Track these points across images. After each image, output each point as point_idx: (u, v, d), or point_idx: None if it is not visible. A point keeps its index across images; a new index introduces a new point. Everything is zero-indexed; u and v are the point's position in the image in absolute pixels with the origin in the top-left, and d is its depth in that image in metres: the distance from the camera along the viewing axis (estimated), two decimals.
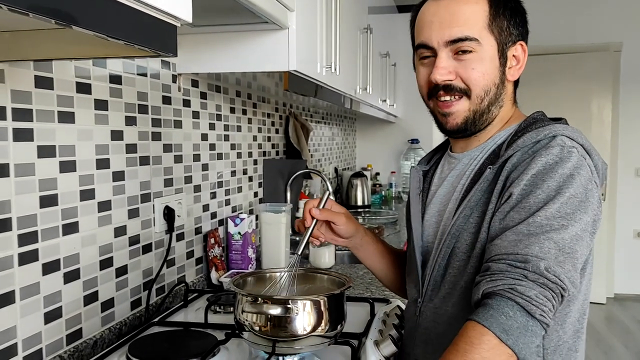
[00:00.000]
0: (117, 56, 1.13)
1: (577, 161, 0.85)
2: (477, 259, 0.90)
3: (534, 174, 0.85)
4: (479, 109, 0.96)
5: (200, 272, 1.70)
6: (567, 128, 0.91)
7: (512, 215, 0.84)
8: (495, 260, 0.81)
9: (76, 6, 0.57)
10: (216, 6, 1.22)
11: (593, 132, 4.58)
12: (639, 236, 4.75)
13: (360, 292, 1.64)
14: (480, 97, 0.95)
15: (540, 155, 0.86)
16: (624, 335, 4.01)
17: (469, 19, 0.93)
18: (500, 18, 0.94)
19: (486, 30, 0.93)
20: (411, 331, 1.04)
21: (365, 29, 2.43)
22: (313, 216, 1.04)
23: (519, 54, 0.98)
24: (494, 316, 0.75)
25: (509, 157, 0.91)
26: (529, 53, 0.99)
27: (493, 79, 0.95)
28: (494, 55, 0.94)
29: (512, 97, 1.01)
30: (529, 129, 0.93)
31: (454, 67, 0.94)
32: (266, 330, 0.96)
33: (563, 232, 0.80)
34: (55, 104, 1.07)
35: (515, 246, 0.80)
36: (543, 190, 0.83)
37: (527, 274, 0.77)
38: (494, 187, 0.91)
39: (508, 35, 0.96)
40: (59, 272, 1.10)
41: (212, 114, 1.76)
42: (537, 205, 0.82)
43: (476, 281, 0.82)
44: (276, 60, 1.42)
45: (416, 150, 4.08)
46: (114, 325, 1.26)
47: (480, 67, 0.93)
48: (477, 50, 0.93)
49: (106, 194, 1.23)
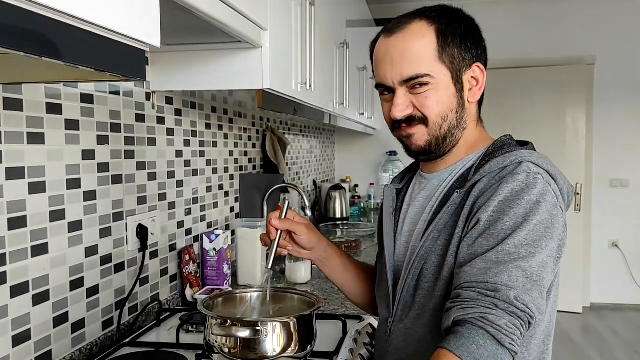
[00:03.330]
0: (87, 80, 1.13)
1: (543, 187, 0.88)
2: (444, 282, 0.92)
3: (501, 201, 0.87)
4: (440, 134, 0.98)
5: (175, 289, 1.70)
6: (533, 154, 0.93)
7: (481, 242, 0.86)
8: (466, 287, 0.82)
9: (45, 37, 0.57)
10: (189, 27, 1.23)
11: (568, 143, 4.66)
12: (614, 246, 4.83)
13: (335, 308, 1.64)
14: (438, 124, 0.97)
15: (507, 182, 0.88)
16: (600, 344, 4.07)
17: (418, 56, 0.95)
18: (450, 47, 0.96)
19: (437, 62, 0.95)
20: (382, 350, 1.05)
21: (342, 44, 2.45)
22: (273, 226, 1.05)
23: (477, 75, 0.99)
24: (465, 345, 0.76)
25: (476, 182, 0.93)
26: (508, 66, 1.02)
27: (449, 106, 0.97)
28: (449, 84, 0.96)
29: (475, 117, 1.03)
30: (496, 153, 0.95)
31: (410, 100, 0.96)
32: (236, 352, 0.96)
33: (530, 260, 0.82)
34: (24, 126, 1.06)
35: (485, 274, 0.82)
36: (510, 217, 0.85)
37: (497, 303, 0.79)
38: (461, 211, 0.93)
39: (461, 61, 0.97)
40: (28, 294, 1.09)
41: (187, 131, 1.76)
42: (505, 233, 0.84)
43: (447, 307, 0.84)
44: (250, 78, 1.42)
45: (394, 162, 4.11)
46: (84, 347, 1.25)
47: (434, 97, 0.95)
48: (432, 83, 0.95)
49: (77, 214, 1.22)
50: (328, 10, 2.18)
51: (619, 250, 4.81)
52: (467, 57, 0.97)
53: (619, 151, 4.75)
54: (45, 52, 0.58)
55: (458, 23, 0.98)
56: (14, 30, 0.52)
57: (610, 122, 4.73)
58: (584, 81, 4.67)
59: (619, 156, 4.75)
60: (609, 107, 4.72)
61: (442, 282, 0.92)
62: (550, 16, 4.68)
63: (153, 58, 1.50)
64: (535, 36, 4.69)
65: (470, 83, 0.99)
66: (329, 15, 2.21)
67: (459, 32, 0.97)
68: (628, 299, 4.81)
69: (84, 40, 0.63)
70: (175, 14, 1.03)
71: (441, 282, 0.92)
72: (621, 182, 4.78)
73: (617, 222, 4.79)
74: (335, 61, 2.36)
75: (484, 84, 1.00)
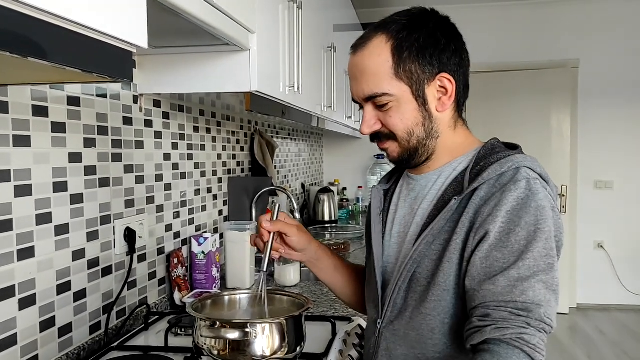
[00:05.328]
0: (74, 82, 1.13)
1: (543, 192, 0.90)
2: (439, 287, 0.92)
3: (509, 210, 0.87)
4: (410, 147, 1.00)
5: (164, 292, 1.69)
6: (527, 158, 0.94)
7: (496, 256, 0.86)
8: (493, 307, 0.84)
9: (30, 37, 0.57)
10: (176, 29, 1.23)
11: (553, 145, 4.71)
12: (599, 247, 4.88)
13: (325, 310, 1.64)
14: (405, 139, 0.99)
15: (510, 190, 0.89)
16: (587, 345, 4.10)
17: (375, 75, 0.96)
18: (406, 63, 0.95)
19: (394, 79, 0.95)
20: (371, 351, 1.05)
21: (329, 47, 2.46)
22: (265, 229, 1.05)
23: (445, 84, 0.97)
24: None
25: (475, 189, 0.93)
26: (494, 70, 1.03)
27: (413, 121, 0.97)
28: (409, 99, 0.96)
29: (451, 123, 1.01)
30: (490, 159, 0.95)
31: (378, 117, 0.99)
32: (225, 354, 0.96)
33: (550, 272, 0.85)
34: (10, 128, 1.06)
35: (511, 293, 0.84)
36: (522, 227, 0.86)
37: (530, 322, 0.82)
38: (459, 218, 0.93)
39: (421, 75, 0.96)
40: (14, 299, 1.08)
41: (175, 134, 1.75)
42: (520, 244, 0.86)
43: (476, 325, 0.85)
44: (237, 81, 1.42)
45: (382, 165, 4.13)
46: (71, 351, 1.23)
47: (397, 114, 0.97)
48: (392, 100, 0.96)
49: (64, 217, 1.22)
50: (315, 14, 2.18)
51: (604, 251, 4.86)
52: (427, 70, 0.96)
53: (603, 153, 4.80)
54: (30, 52, 0.58)
55: (418, 34, 0.95)
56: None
57: (595, 124, 4.79)
58: (569, 84, 4.72)
59: (603, 158, 4.81)
60: (593, 110, 4.77)
61: (437, 287, 0.92)
62: (535, 20, 4.73)
63: (141, 61, 1.50)
64: (519, 40, 4.74)
65: (439, 93, 0.98)
66: (317, 19, 2.22)
67: (417, 46, 0.95)
68: (614, 300, 4.86)
69: (70, 40, 0.63)
70: (163, 16, 1.03)
71: (436, 287, 0.92)
72: (605, 183, 4.84)
73: (602, 223, 4.85)
74: (323, 64, 2.37)
75: (454, 92, 0.98)
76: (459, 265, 0.91)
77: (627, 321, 4.55)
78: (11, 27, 0.54)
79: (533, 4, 4.72)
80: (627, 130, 4.76)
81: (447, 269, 0.91)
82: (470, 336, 0.85)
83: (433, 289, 0.93)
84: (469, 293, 0.89)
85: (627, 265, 4.83)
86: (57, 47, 0.61)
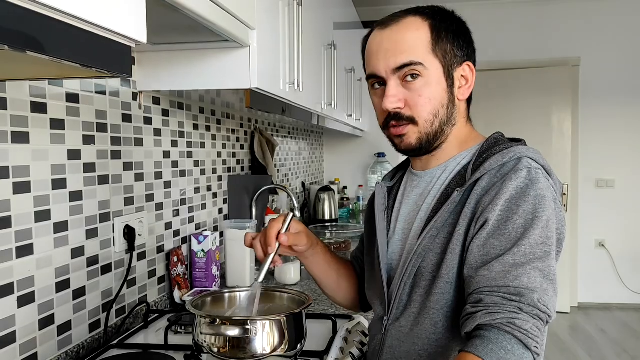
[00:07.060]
0: (72, 77, 1.12)
1: (545, 182, 0.89)
2: (444, 280, 0.92)
3: (508, 199, 0.87)
4: (431, 131, 0.98)
5: (163, 291, 1.68)
6: (530, 150, 0.94)
7: (493, 243, 0.86)
8: (487, 292, 0.83)
9: (29, 31, 0.56)
10: (176, 25, 1.22)
11: (554, 144, 4.70)
12: (600, 246, 4.87)
13: (325, 308, 1.64)
14: (429, 121, 0.97)
15: (510, 179, 0.89)
16: (588, 343, 4.09)
17: (412, 46, 0.95)
18: (443, 41, 0.97)
19: (430, 54, 0.96)
20: (376, 348, 1.04)
21: (329, 45, 2.45)
22: (281, 243, 1.01)
23: (467, 73, 1.01)
24: (494, 350, 0.77)
25: (477, 180, 0.93)
26: (494, 68, 1.03)
27: (441, 101, 0.97)
28: (441, 78, 0.97)
29: (465, 115, 1.04)
30: (493, 150, 0.95)
31: (403, 94, 0.97)
32: (225, 351, 0.95)
33: (546, 260, 0.84)
34: (8, 124, 1.05)
35: (504, 278, 0.82)
36: (520, 215, 0.86)
37: (522, 307, 0.80)
38: (461, 209, 0.92)
39: (453, 57, 0.98)
40: (13, 296, 1.07)
41: (174, 131, 1.74)
42: (517, 231, 0.85)
43: (468, 312, 0.84)
44: (237, 78, 1.42)
45: (383, 164, 4.12)
46: (71, 349, 1.23)
47: (427, 93, 0.96)
48: (424, 75, 0.95)
49: (63, 215, 1.21)
50: (316, 12, 2.18)
51: (605, 250, 4.86)
52: (458, 54, 0.99)
53: (604, 151, 4.80)
54: (29, 46, 0.57)
55: (451, 21, 0.99)
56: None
57: (596, 122, 4.78)
58: (570, 82, 4.72)
59: (604, 156, 4.80)
60: (594, 108, 4.77)
61: (441, 280, 0.92)
62: (536, 18, 4.73)
63: (140, 57, 1.49)
64: (521, 38, 4.73)
65: (460, 81, 1.00)
66: (317, 16, 2.21)
67: (452, 30, 0.98)
68: (615, 299, 4.85)
69: (68, 34, 0.62)
70: (163, 11, 1.02)
71: (440, 280, 0.92)
72: (607, 182, 4.83)
73: (603, 222, 4.84)
74: (323, 62, 2.36)
75: (473, 84, 1.01)
76: (461, 256, 0.91)
77: (628, 320, 4.54)
78: (9, 20, 0.53)
79: (534, 2, 4.71)
80: (629, 128, 4.75)
81: (450, 261, 0.91)
82: (463, 324, 0.84)
83: (438, 283, 0.92)
84: (466, 281, 0.88)
85: (628, 264, 4.82)
86: (55, 41, 0.61)
